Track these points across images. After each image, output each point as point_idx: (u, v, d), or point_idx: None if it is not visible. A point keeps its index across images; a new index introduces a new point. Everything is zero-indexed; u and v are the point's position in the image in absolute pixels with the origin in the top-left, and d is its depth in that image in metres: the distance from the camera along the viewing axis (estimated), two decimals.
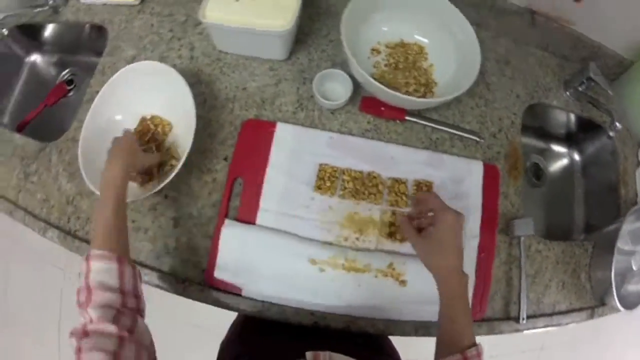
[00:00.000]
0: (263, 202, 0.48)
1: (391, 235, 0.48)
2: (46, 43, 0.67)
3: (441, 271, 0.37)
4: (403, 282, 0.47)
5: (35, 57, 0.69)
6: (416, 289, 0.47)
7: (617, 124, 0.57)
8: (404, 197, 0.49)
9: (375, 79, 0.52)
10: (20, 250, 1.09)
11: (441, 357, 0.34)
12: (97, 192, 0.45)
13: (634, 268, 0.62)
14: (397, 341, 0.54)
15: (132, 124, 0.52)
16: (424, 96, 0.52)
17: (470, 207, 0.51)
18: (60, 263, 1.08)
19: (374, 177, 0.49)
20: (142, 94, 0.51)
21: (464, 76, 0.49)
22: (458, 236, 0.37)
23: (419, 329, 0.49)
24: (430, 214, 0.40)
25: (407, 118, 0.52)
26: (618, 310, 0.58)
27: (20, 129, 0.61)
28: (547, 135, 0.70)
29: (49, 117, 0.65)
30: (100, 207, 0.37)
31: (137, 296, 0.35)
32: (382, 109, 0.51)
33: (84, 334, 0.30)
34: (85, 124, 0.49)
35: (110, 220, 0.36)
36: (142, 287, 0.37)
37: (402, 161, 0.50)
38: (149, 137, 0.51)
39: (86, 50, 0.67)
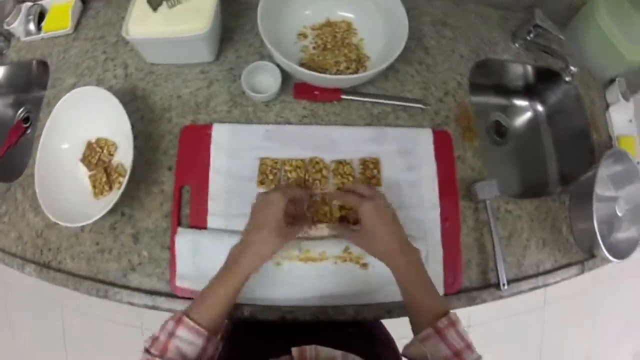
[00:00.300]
0: (211, 206, 0.48)
1: (342, 219, 0.47)
2: (1, 86, 0.69)
3: (383, 257, 0.37)
4: (364, 265, 0.46)
5: None
6: (379, 271, 0.46)
7: (572, 67, 0.54)
8: (350, 178, 0.48)
9: (303, 63, 0.51)
10: (17, 291, 1.13)
11: (416, 335, 0.34)
12: (59, 222, 0.46)
13: (619, 214, 0.59)
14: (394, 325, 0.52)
15: (78, 151, 0.53)
16: (356, 72, 0.51)
17: (424, 178, 0.50)
18: (57, 296, 1.11)
19: (317, 163, 0.48)
20: (83, 119, 0.52)
21: (395, 45, 0.48)
22: (384, 220, 0.37)
23: (391, 310, 0.48)
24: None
25: (343, 97, 0.51)
26: (609, 261, 0.55)
27: None
28: (506, 91, 0.68)
29: (11, 157, 0.67)
30: (218, 285, 0.37)
31: None
32: (316, 92, 0.50)
33: None
34: (37, 158, 0.50)
35: (221, 302, 0.36)
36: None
37: (344, 142, 0.49)
38: (97, 160, 0.52)
39: (37, 86, 0.69)
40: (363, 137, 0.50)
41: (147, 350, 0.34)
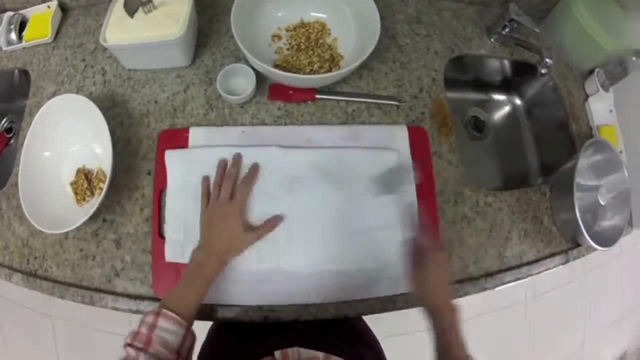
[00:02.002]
0: None
1: None
2: None
3: (433, 305, 0.39)
4: None
5: None
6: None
7: (547, 59, 0.56)
8: None
9: (277, 65, 0.52)
10: (7, 301, 1.13)
11: None
12: (45, 231, 0.47)
13: (602, 203, 0.60)
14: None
15: (60, 159, 0.54)
16: (329, 71, 0.52)
17: (401, 174, 0.51)
18: (47, 307, 1.12)
19: None
20: (64, 127, 0.53)
21: (367, 43, 0.49)
22: (447, 274, 0.40)
23: (374, 305, 0.49)
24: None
25: (317, 97, 0.52)
26: (594, 249, 0.56)
27: None
28: (483, 86, 0.69)
29: None
30: (188, 279, 0.41)
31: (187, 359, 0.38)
32: (291, 93, 0.51)
33: None
34: (20, 167, 0.51)
35: (193, 294, 0.39)
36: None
37: (320, 140, 0.50)
38: (86, 187, 0.52)
39: (20, 95, 0.70)
40: (338, 136, 0.51)
41: (129, 345, 0.35)
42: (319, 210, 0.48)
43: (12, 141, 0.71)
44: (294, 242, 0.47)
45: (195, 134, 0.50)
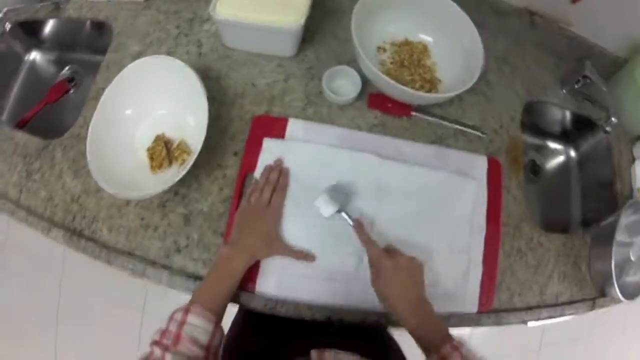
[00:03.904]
0: None
1: None
2: (46, 40, 0.68)
3: (389, 310, 0.40)
4: None
5: (35, 55, 0.70)
6: None
7: (613, 118, 0.61)
8: None
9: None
10: (13, 251, 1.08)
11: None
12: (105, 189, 0.46)
13: (632, 259, 0.66)
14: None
15: (140, 121, 0.53)
16: (429, 92, 0.55)
17: (476, 201, 0.55)
18: (56, 266, 1.07)
19: None
20: (152, 88, 0.52)
21: (466, 74, 0.53)
22: (396, 281, 0.39)
23: None
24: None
25: (412, 114, 0.55)
26: (619, 301, 0.62)
27: (20, 126, 0.62)
28: (544, 133, 0.74)
29: (48, 115, 0.66)
30: (217, 274, 0.42)
31: (217, 356, 0.39)
32: (389, 105, 0.54)
33: None
34: (94, 118, 0.49)
35: (222, 290, 0.40)
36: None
37: (411, 154, 0.53)
38: (165, 155, 0.52)
39: (86, 47, 0.69)
40: (428, 154, 0.54)
41: (156, 342, 0.35)
42: (399, 221, 0.50)
43: (71, 91, 0.69)
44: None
45: (294, 126, 0.51)
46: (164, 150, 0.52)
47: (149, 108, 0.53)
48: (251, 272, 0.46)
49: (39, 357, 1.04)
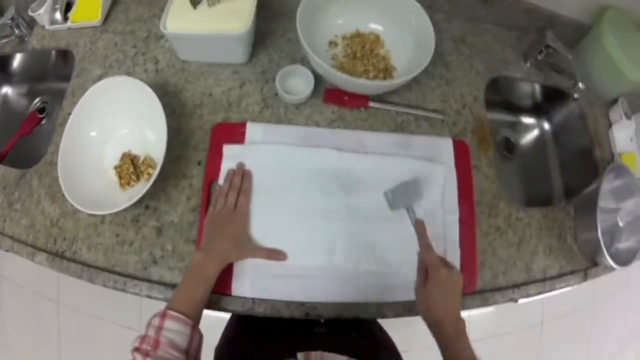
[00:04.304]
0: None
1: None
2: (15, 74, 0.71)
3: (432, 321, 0.40)
4: None
5: (6, 89, 0.72)
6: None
7: (580, 84, 0.61)
8: None
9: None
10: (11, 285, 1.11)
11: None
12: (82, 209, 0.47)
13: (621, 225, 0.65)
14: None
15: (106, 140, 0.55)
16: (384, 81, 0.56)
17: (446, 184, 0.55)
18: (53, 293, 1.10)
19: None
20: (113, 108, 0.54)
21: (420, 58, 0.53)
22: (449, 292, 0.40)
23: (413, 307, 0.52)
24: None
25: (370, 104, 0.55)
26: (612, 269, 0.60)
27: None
28: (515, 109, 0.74)
29: (23, 146, 0.68)
30: (190, 280, 0.42)
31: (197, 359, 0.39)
32: (345, 98, 0.55)
33: None
34: (62, 143, 0.51)
35: (197, 295, 0.41)
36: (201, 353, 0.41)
37: (373, 145, 0.53)
38: (131, 171, 0.53)
39: (54, 76, 0.71)
40: (390, 142, 0.54)
41: (136, 349, 0.36)
42: (367, 213, 0.51)
43: (44, 121, 0.71)
44: (342, 240, 0.49)
45: (252, 129, 0.52)
46: (130, 167, 0.54)
47: (112, 128, 0.55)
48: (225, 276, 0.47)
49: None
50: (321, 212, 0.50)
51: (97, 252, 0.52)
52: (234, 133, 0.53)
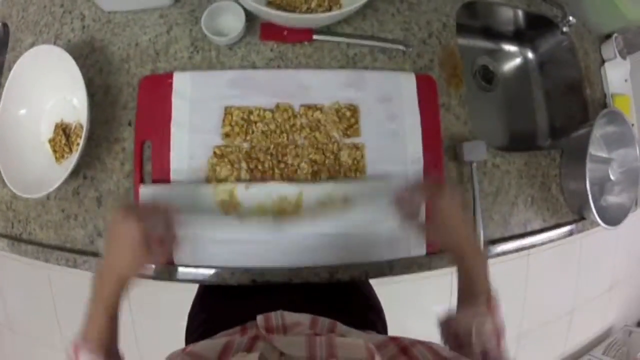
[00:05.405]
0: (173, 162, 0.40)
1: (315, 175, 0.40)
2: None
3: (456, 246, 0.34)
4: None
5: None
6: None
7: (571, 17, 0.46)
8: (322, 128, 0.40)
9: (270, 2, 0.42)
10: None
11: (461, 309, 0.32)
12: (23, 195, 0.41)
13: (612, 178, 0.51)
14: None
15: (37, 116, 0.46)
16: (329, 10, 0.42)
17: (407, 128, 0.42)
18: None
19: (285, 110, 0.41)
20: (39, 81, 0.45)
21: None
22: (460, 210, 0.34)
23: (369, 270, 0.42)
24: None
25: (315, 38, 0.42)
26: (599, 225, 0.48)
27: None
28: (494, 35, 0.59)
29: None
30: (93, 309, 0.32)
31: None
32: (285, 33, 0.42)
33: None
34: None
35: (101, 321, 0.32)
36: None
37: (317, 87, 0.42)
38: (64, 143, 0.45)
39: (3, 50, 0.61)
40: (338, 82, 0.42)
41: None
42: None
43: None
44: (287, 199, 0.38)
45: (180, 80, 0.41)
46: (62, 139, 0.45)
47: (41, 101, 0.46)
48: None
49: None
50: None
51: (48, 230, 0.45)
52: (161, 86, 0.42)
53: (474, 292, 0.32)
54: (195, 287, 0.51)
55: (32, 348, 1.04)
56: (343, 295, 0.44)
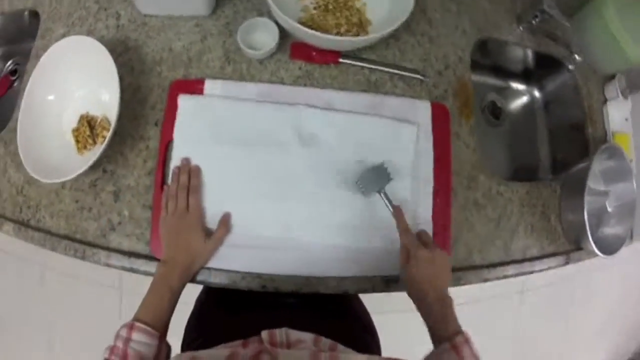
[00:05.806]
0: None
1: None
2: None
3: (415, 298, 0.37)
4: None
5: None
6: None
7: (577, 56, 0.50)
8: None
9: (303, 23, 0.45)
10: None
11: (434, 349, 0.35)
12: (40, 179, 0.42)
13: (609, 210, 0.55)
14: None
15: (64, 104, 0.47)
16: (356, 36, 0.45)
17: (421, 150, 0.45)
18: (37, 257, 1.02)
19: None
20: (71, 70, 0.46)
21: (399, 12, 0.43)
22: (427, 272, 0.37)
23: (377, 284, 0.44)
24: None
25: (341, 61, 0.45)
26: (595, 255, 0.51)
27: None
28: (504, 73, 0.63)
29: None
30: (156, 291, 0.38)
31: None
32: (314, 53, 0.45)
33: None
34: (21, 110, 0.45)
35: (163, 305, 0.38)
36: None
37: (340, 106, 0.44)
38: (88, 135, 0.46)
39: (28, 37, 0.62)
40: (359, 103, 0.45)
41: None
42: (328, 174, 0.42)
43: (16, 84, 0.63)
44: (300, 211, 0.41)
45: (211, 87, 0.44)
46: (87, 130, 0.46)
47: (69, 90, 0.48)
48: None
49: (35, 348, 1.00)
50: (278, 179, 0.42)
51: (59, 219, 0.46)
52: (193, 90, 0.44)
53: (436, 335, 0.34)
54: (192, 302, 0.52)
55: (22, 347, 1.02)
56: (340, 316, 0.46)
